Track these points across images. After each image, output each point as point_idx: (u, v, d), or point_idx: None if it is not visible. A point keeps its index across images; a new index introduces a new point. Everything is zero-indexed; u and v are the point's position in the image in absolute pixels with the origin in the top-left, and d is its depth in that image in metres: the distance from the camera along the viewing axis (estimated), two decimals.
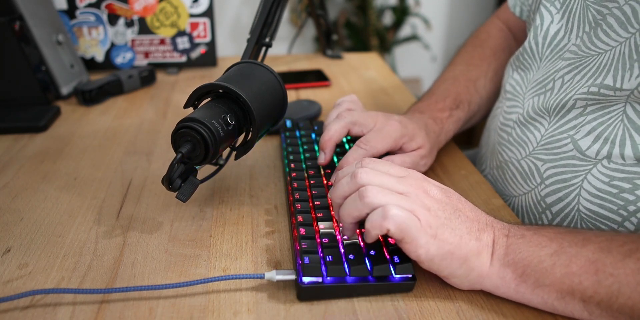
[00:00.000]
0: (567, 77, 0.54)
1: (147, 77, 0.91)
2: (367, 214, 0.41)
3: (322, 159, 0.57)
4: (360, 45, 2.26)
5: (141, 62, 0.98)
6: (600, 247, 0.39)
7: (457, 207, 0.42)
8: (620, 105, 0.48)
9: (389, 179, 0.42)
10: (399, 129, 0.56)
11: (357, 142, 0.55)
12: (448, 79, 0.70)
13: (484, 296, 0.43)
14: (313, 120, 0.72)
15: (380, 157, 0.56)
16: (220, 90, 0.49)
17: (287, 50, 1.23)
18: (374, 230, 0.40)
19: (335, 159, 0.59)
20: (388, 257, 0.44)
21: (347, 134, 0.57)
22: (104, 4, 0.93)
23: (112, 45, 0.96)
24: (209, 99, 0.50)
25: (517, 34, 0.75)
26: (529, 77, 0.61)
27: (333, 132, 0.55)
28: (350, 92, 0.91)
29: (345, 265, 0.43)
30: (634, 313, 0.36)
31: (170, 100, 0.86)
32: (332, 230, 0.46)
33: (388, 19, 2.34)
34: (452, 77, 0.70)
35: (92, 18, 0.94)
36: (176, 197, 0.47)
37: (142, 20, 0.95)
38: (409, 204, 0.40)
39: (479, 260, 0.41)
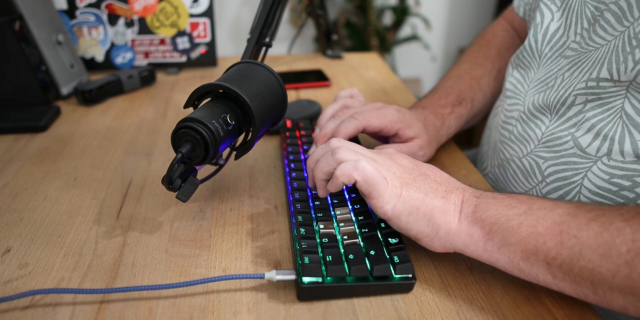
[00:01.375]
0: (567, 73, 0.54)
1: (147, 77, 0.91)
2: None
3: (313, 151, 0.58)
4: (360, 45, 2.26)
5: (141, 62, 0.98)
6: (568, 212, 0.39)
7: (425, 173, 0.45)
8: (619, 101, 0.48)
9: (362, 148, 0.46)
10: (396, 114, 0.58)
11: (352, 114, 0.56)
12: (452, 77, 0.71)
13: (484, 296, 0.43)
14: (313, 120, 0.72)
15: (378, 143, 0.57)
16: (220, 90, 0.49)
17: (287, 50, 1.23)
18: (342, 178, 0.42)
19: None
20: (388, 257, 0.44)
21: None
22: (104, 4, 0.93)
23: (112, 45, 0.96)
24: (209, 99, 0.50)
25: (522, 34, 0.75)
26: (530, 76, 0.61)
27: (329, 130, 0.57)
28: None
29: (345, 265, 0.43)
30: (594, 277, 0.36)
31: (170, 100, 0.86)
32: (332, 230, 0.46)
33: (388, 19, 2.34)
34: (457, 75, 0.71)
35: (92, 18, 0.94)
36: (176, 197, 0.47)
37: (142, 20, 0.95)
38: (377, 165, 0.43)
39: (446, 217, 0.42)
